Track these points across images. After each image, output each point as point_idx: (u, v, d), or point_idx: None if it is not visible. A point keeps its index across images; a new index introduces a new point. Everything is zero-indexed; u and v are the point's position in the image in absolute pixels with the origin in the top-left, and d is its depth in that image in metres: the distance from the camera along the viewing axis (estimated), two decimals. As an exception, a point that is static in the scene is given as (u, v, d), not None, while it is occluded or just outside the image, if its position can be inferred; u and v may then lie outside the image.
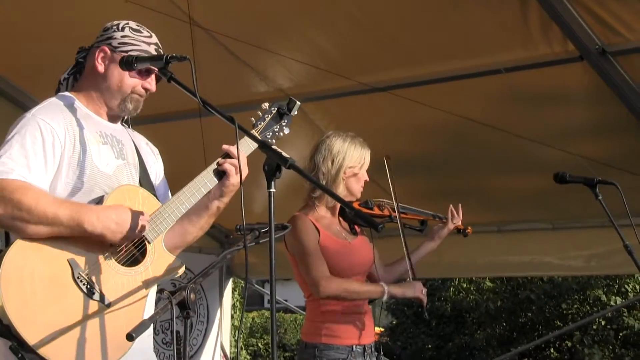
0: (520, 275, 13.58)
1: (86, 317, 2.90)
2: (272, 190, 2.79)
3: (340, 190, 4.44)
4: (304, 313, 4.48)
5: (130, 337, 2.50)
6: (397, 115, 6.03)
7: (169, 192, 3.46)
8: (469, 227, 5.02)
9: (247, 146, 3.26)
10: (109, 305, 2.97)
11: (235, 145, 3.07)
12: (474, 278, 16.99)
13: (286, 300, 10.06)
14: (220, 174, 3.24)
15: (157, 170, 3.49)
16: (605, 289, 15.98)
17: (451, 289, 17.61)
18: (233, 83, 6.04)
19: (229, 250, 2.95)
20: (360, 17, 5.34)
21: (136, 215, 3.02)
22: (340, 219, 4.46)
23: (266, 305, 23.99)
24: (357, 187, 4.50)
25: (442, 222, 4.89)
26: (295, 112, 3.43)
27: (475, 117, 5.76)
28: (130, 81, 3.27)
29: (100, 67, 3.26)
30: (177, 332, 2.66)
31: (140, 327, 2.53)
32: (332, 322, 4.31)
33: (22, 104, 6.24)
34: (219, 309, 8.96)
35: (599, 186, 4.16)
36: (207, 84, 5.86)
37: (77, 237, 2.94)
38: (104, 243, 2.99)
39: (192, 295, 2.65)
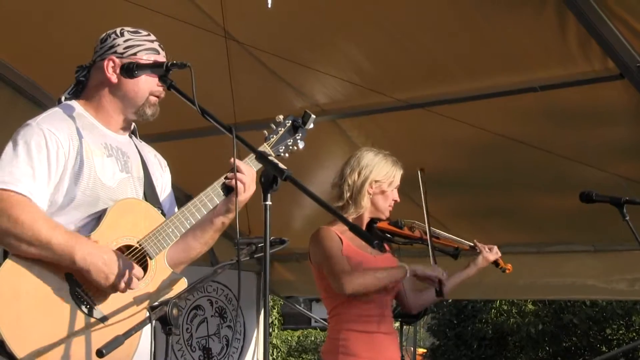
0: (562, 298, 13.39)
1: (81, 332, 2.88)
2: (268, 203, 2.76)
3: (365, 204, 4.40)
4: None
5: (100, 354, 2.48)
6: (433, 132, 6.01)
7: (175, 207, 3.41)
8: (509, 266, 4.90)
9: (255, 161, 3.19)
10: (105, 321, 2.94)
11: (240, 159, 3.06)
12: (515, 300, 16.80)
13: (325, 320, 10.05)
14: (228, 189, 3.18)
15: (163, 184, 3.43)
16: (651, 315, 15.73)
17: (492, 310, 17.42)
18: (269, 98, 6.06)
19: (220, 265, 2.91)
20: (396, 33, 5.34)
21: (128, 264, 2.97)
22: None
23: (313, 324, 23.91)
24: (384, 205, 4.44)
25: (477, 252, 4.78)
26: (311, 126, 3.36)
27: (513, 134, 5.71)
28: (145, 85, 3.22)
29: (113, 78, 3.21)
30: (209, 348, 2.64)
31: (113, 343, 2.51)
32: (350, 340, 4.27)
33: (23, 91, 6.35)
34: (255, 328, 8.94)
35: (626, 206, 4.07)
36: (242, 98, 5.90)
37: None
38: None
39: (175, 311, 2.62)
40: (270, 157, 2.91)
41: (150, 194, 3.27)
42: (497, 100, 5.56)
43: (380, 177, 4.42)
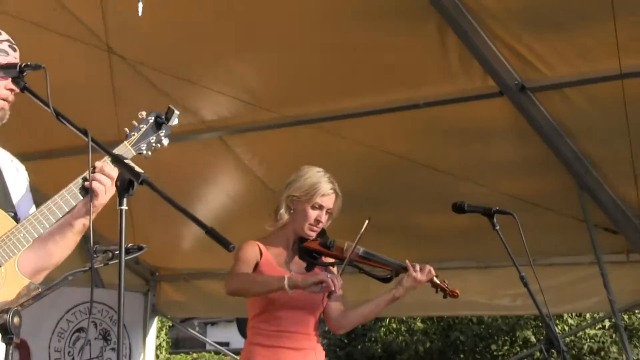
0: (448, 314, 13.59)
1: None
2: (124, 207, 2.67)
3: (280, 217, 4.36)
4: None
5: None
6: (321, 149, 6.02)
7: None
8: (456, 291, 4.54)
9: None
10: None
11: (103, 160, 2.93)
12: (404, 318, 16.98)
13: (227, 344, 9.93)
14: (87, 190, 2.99)
15: (19, 187, 3.22)
16: (534, 330, 16.11)
17: (382, 329, 17.57)
18: (152, 115, 5.99)
19: (71, 272, 2.78)
20: (284, 49, 5.36)
21: None
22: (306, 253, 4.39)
23: (208, 347, 23.56)
24: (301, 224, 4.32)
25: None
26: (175, 122, 3.25)
27: (399, 152, 5.80)
28: None
29: None
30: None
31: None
32: (252, 353, 4.25)
33: None
34: (142, 351, 8.78)
35: (497, 216, 4.16)
36: (126, 115, 5.79)
37: None
38: None
39: (16, 320, 2.46)
40: (126, 160, 2.82)
41: (1, 199, 3.08)
42: (383, 116, 5.63)
43: (298, 193, 4.32)
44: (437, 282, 4.40)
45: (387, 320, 17.27)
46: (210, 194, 7.03)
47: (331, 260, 4.39)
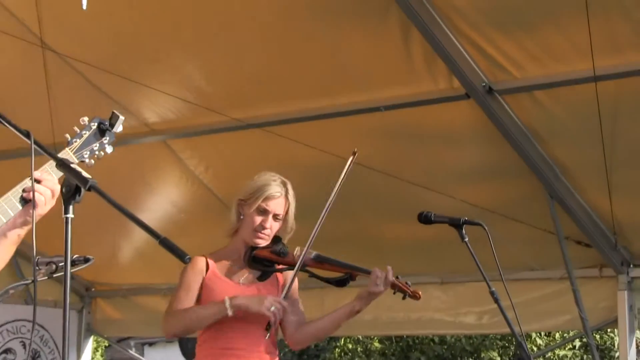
0: (408, 333, 13.62)
1: None
2: (70, 215, 2.68)
3: (231, 222, 4.41)
4: None
5: None
6: (272, 154, 6.03)
7: None
8: (418, 292, 4.45)
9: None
10: None
11: (43, 169, 2.92)
12: (360, 338, 17.01)
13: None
14: (27, 201, 2.98)
15: None
16: (500, 351, 16.21)
17: (336, 350, 17.58)
18: (91, 115, 5.94)
19: (13, 285, 2.78)
20: (234, 49, 5.37)
21: None
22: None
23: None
24: (247, 230, 4.35)
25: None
26: (120, 128, 3.26)
27: (357, 158, 5.79)
28: None
29: None
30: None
31: None
32: None
33: None
34: (76, 371, 8.72)
35: (465, 227, 4.22)
36: (61, 115, 5.76)
37: None
38: None
39: None
40: (73, 165, 2.81)
41: None
42: (341, 120, 5.67)
43: (244, 195, 4.37)
44: (397, 282, 4.38)
45: (342, 340, 17.28)
46: (153, 203, 7.00)
47: (283, 267, 4.41)
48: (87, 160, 3.17)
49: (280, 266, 4.41)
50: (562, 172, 5.70)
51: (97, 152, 3.20)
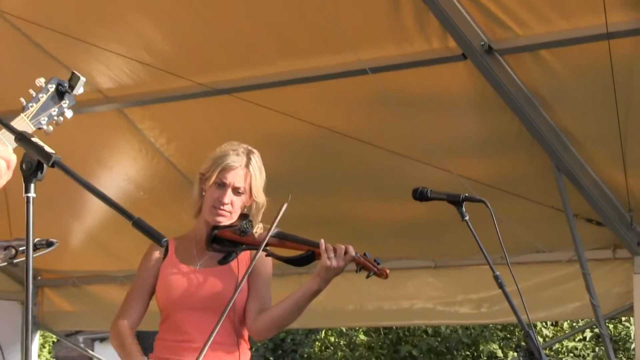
0: (398, 324, 13.68)
1: None
2: (32, 195, 2.70)
3: (193, 200, 4.46)
4: None
5: None
6: (242, 123, 6.07)
7: None
8: (386, 270, 4.27)
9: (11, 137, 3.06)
10: None
11: None
12: (344, 330, 17.09)
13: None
14: None
15: None
16: (501, 343, 16.33)
17: (317, 343, 17.67)
18: (34, 80, 5.93)
19: None
20: (198, 3, 5.35)
21: None
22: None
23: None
24: (206, 207, 4.39)
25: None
26: (80, 90, 3.27)
27: (338, 126, 5.86)
28: None
29: None
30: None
31: None
32: None
33: None
34: (21, 369, 8.75)
35: (466, 204, 4.25)
36: (3, 82, 5.75)
37: None
38: None
39: None
40: (34, 139, 2.83)
41: None
42: (320, 84, 5.69)
43: (204, 169, 4.42)
44: (360, 259, 4.27)
45: (323, 332, 17.37)
46: (108, 180, 7.00)
47: (246, 247, 4.42)
48: (45, 127, 3.18)
49: (244, 247, 4.44)
50: (571, 142, 5.74)
51: (55, 118, 3.20)
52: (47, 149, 2.75)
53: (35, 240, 2.70)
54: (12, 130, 2.88)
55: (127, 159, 6.88)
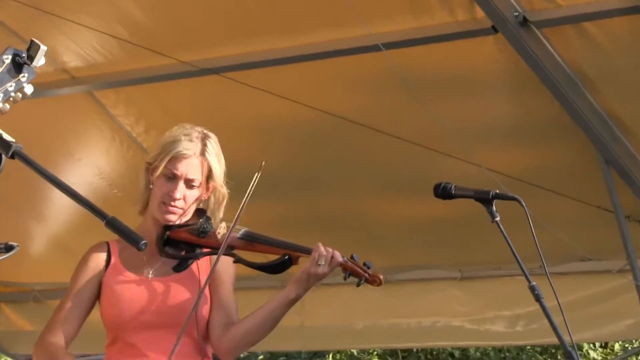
0: (418, 345, 13.66)
1: None
2: None
3: (141, 193, 4.38)
4: None
5: None
6: (234, 108, 6.12)
7: None
8: (379, 276, 4.13)
9: None
10: None
11: None
12: (355, 353, 17.10)
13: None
14: None
15: None
16: (542, 368, 16.35)
17: (324, 368, 17.70)
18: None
19: None
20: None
21: None
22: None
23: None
24: (154, 203, 4.32)
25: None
26: (41, 61, 3.28)
27: (345, 112, 5.88)
28: None
29: None
30: None
31: None
32: None
33: None
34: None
35: (496, 203, 4.21)
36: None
37: None
38: None
39: None
40: None
41: None
42: (325, 63, 5.72)
43: (150, 157, 4.37)
44: (348, 264, 4.13)
45: (330, 356, 17.37)
46: (75, 175, 7.00)
47: (206, 250, 4.32)
48: (0, 105, 3.21)
49: (204, 250, 4.37)
50: (621, 130, 5.75)
51: (13, 94, 3.19)
52: (6, 136, 2.77)
53: (-7, 243, 2.72)
54: None
55: (98, 150, 6.90)
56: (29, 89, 3.25)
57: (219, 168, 4.32)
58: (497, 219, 4.17)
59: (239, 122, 6.26)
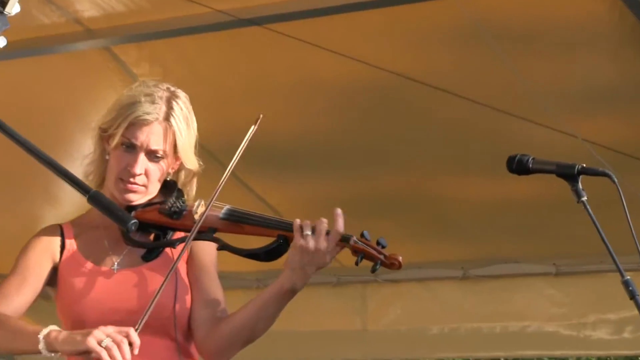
0: (505, 355, 13.68)
1: None
2: None
3: (95, 166, 4.28)
4: None
5: None
6: (276, 65, 6.13)
7: None
8: (397, 258, 3.92)
9: None
10: None
11: None
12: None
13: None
14: None
15: None
16: (657, 383, 16.28)
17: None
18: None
19: None
20: None
21: None
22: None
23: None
24: (110, 177, 4.16)
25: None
26: (16, 9, 3.24)
27: (410, 70, 5.86)
28: None
29: None
30: None
31: None
32: None
33: None
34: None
35: (582, 179, 4.13)
36: None
37: None
38: None
39: None
40: None
41: None
42: (386, 12, 5.65)
43: (105, 123, 4.24)
44: (357, 244, 3.90)
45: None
46: (88, 141, 7.00)
47: (180, 234, 4.18)
48: None
49: (177, 234, 4.27)
50: None
51: None
52: None
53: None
54: None
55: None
56: (1, 42, 3.22)
57: (187, 134, 4.15)
58: (584, 198, 4.08)
59: (282, 82, 6.30)
